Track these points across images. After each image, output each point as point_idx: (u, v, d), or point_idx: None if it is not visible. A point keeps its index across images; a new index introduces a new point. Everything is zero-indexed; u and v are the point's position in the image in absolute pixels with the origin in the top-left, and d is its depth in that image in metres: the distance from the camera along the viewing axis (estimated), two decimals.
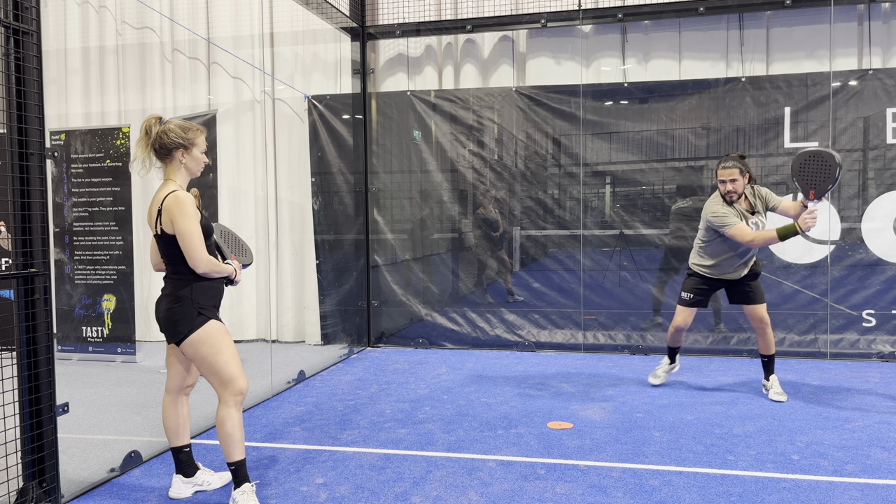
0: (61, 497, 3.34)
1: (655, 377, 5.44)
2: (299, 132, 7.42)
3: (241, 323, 7.52)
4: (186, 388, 3.47)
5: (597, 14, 6.76)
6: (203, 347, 3.14)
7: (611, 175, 6.81)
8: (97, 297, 6.51)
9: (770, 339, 5.00)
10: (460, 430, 4.41)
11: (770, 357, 5.06)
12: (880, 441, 4.09)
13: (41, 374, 3.20)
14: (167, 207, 3.09)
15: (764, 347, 5.04)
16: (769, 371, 5.10)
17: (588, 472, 3.68)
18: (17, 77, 3.08)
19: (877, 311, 6.29)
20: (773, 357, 5.07)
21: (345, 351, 6.96)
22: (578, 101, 6.77)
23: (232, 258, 3.45)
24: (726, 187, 4.71)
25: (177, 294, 3.16)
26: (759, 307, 4.93)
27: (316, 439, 4.29)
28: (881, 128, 6.24)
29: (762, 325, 4.95)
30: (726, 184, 4.71)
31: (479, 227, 7.16)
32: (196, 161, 3.24)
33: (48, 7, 7.58)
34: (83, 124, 7.62)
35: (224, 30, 7.44)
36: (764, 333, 4.98)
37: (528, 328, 7.01)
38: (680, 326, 5.14)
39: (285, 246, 7.53)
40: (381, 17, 7.29)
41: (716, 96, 6.54)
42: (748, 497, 3.32)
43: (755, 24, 6.69)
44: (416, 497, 3.38)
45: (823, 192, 4.37)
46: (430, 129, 7.17)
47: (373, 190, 7.30)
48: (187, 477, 3.47)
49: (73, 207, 6.53)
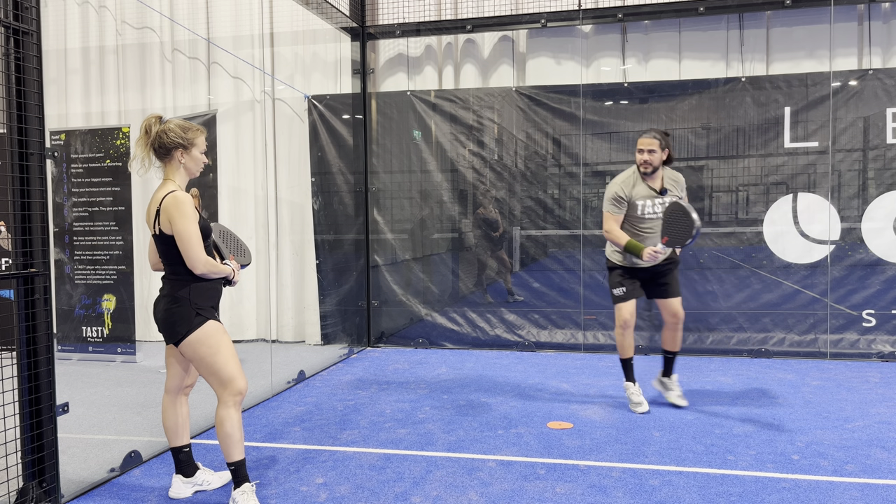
0: (61, 497, 3.34)
1: (638, 405, 4.78)
2: (299, 132, 7.42)
3: (241, 323, 7.52)
4: (186, 389, 3.47)
5: (597, 14, 6.76)
6: (201, 348, 3.14)
7: (611, 175, 6.81)
8: (97, 297, 6.51)
9: (680, 336, 4.78)
10: (460, 430, 4.41)
11: (675, 355, 4.84)
12: (880, 441, 4.09)
13: (41, 374, 3.20)
14: (165, 208, 3.08)
15: (672, 343, 4.80)
16: (670, 369, 4.87)
17: (588, 472, 3.68)
18: (17, 77, 3.08)
19: (877, 311, 6.29)
20: (676, 355, 4.85)
21: (345, 351, 6.96)
22: (578, 101, 6.77)
23: (230, 258, 3.44)
24: (643, 156, 4.51)
25: (175, 295, 3.16)
26: (674, 301, 4.70)
27: (316, 439, 4.29)
28: (881, 128, 6.24)
29: (675, 321, 4.72)
30: (644, 153, 4.50)
31: (479, 226, 7.16)
32: (195, 161, 3.24)
33: (48, 7, 7.58)
34: (83, 124, 7.62)
35: (224, 30, 7.44)
36: (675, 329, 4.74)
37: (528, 328, 7.01)
38: (627, 321, 4.69)
39: (285, 246, 7.53)
40: (381, 17, 7.29)
41: (716, 96, 6.54)
42: (748, 497, 3.32)
43: (755, 24, 6.69)
44: (416, 497, 3.38)
45: (674, 245, 4.32)
46: (430, 129, 7.17)
47: (373, 190, 7.30)
48: (187, 477, 3.47)
49: (73, 207, 6.53)
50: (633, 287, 4.70)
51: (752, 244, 6.55)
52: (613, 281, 4.75)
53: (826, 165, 6.33)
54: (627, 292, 4.69)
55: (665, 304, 4.74)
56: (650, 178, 4.61)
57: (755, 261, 6.55)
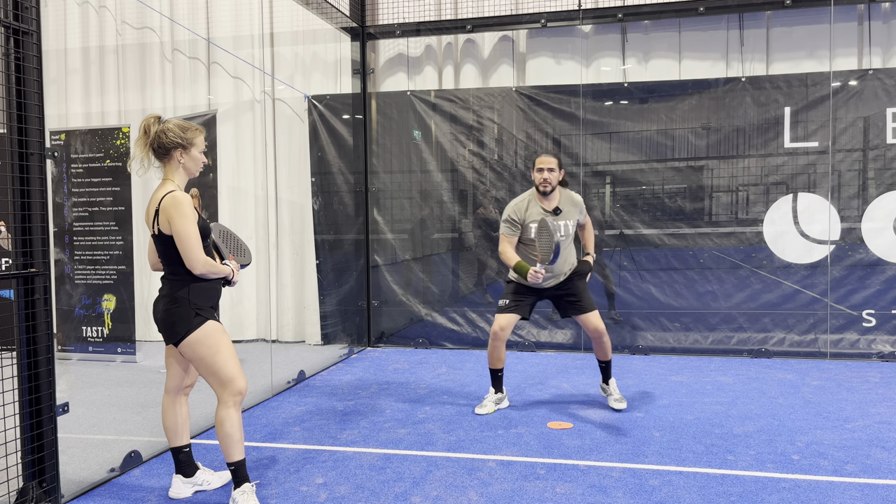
0: (61, 497, 3.34)
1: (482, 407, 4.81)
2: (299, 132, 7.42)
3: (241, 323, 7.52)
4: (186, 389, 3.47)
5: (597, 14, 6.76)
6: (201, 348, 3.14)
7: (611, 175, 6.82)
8: (97, 297, 6.51)
9: (608, 345, 4.76)
10: (460, 430, 4.41)
11: (608, 363, 4.86)
12: (880, 441, 4.09)
13: (41, 374, 3.20)
14: (164, 208, 3.08)
15: (602, 354, 4.81)
16: (608, 375, 4.90)
17: (588, 472, 3.68)
18: (17, 77, 3.08)
19: (877, 311, 6.29)
20: (610, 363, 4.87)
21: (345, 351, 6.96)
22: (578, 101, 6.77)
23: (230, 258, 3.44)
24: (543, 175, 4.57)
25: (174, 295, 3.16)
26: (591, 316, 4.66)
27: (316, 439, 4.29)
28: (881, 128, 6.25)
29: (598, 335, 4.70)
30: (543, 171, 4.57)
31: (479, 226, 7.16)
32: (194, 161, 3.23)
33: (48, 7, 7.58)
34: (83, 124, 7.62)
35: (224, 30, 7.44)
36: (601, 343, 4.73)
37: (528, 328, 7.00)
38: (497, 333, 4.68)
39: (285, 246, 7.53)
40: (381, 17, 7.29)
41: (716, 96, 6.54)
42: (748, 497, 3.32)
43: (755, 24, 6.69)
44: (416, 497, 3.38)
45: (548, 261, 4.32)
46: (430, 129, 7.17)
47: (373, 190, 7.30)
48: (187, 477, 3.47)
49: (73, 207, 6.53)
50: (519, 303, 4.71)
51: (752, 244, 6.55)
52: (504, 292, 4.78)
53: (826, 165, 6.33)
54: (509, 305, 4.70)
55: (582, 319, 4.71)
56: (545, 198, 4.66)
57: (755, 261, 6.55)
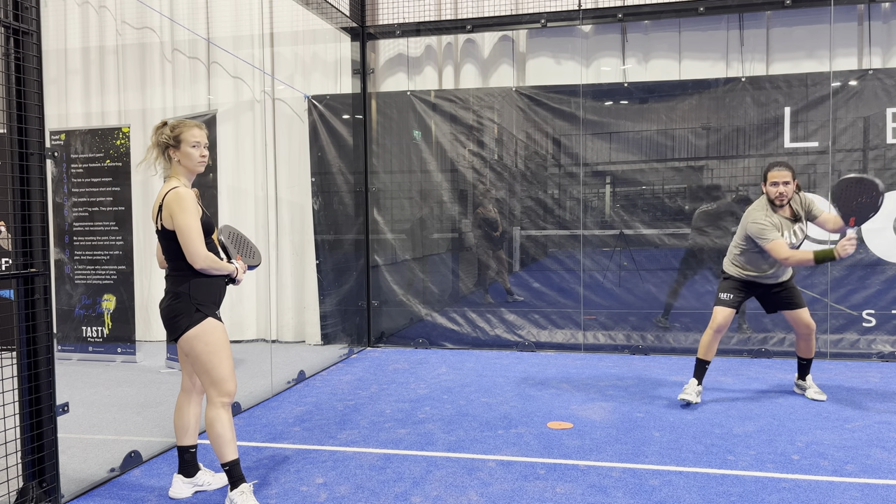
0: (61, 497, 3.34)
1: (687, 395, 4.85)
2: (299, 132, 7.42)
3: (241, 323, 7.52)
4: (201, 388, 3.47)
5: (597, 14, 6.76)
6: (199, 344, 3.14)
7: (611, 175, 6.81)
8: (97, 297, 6.51)
9: (813, 344, 4.94)
10: (460, 430, 4.40)
11: (810, 360, 5.04)
12: (880, 441, 4.09)
13: (41, 374, 3.20)
14: (167, 203, 3.12)
15: (805, 351, 4.99)
16: (806, 372, 5.07)
17: (588, 472, 3.68)
18: (17, 77, 3.08)
19: (877, 311, 6.29)
20: (811, 360, 5.04)
21: (345, 351, 6.96)
22: (578, 101, 6.77)
23: (237, 258, 3.46)
24: (779, 189, 4.56)
25: (176, 290, 3.17)
26: (802, 312, 4.81)
27: (316, 439, 4.29)
28: (881, 128, 6.24)
29: (807, 332, 4.85)
30: (779, 185, 4.56)
31: (479, 226, 7.16)
32: (187, 156, 3.22)
33: (48, 7, 7.58)
34: (83, 124, 7.62)
35: (224, 30, 7.44)
36: (808, 339, 4.90)
37: (528, 328, 7.01)
38: (721, 326, 4.78)
39: (285, 246, 7.53)
40: (381, 17, 7.29)
41: (716, 96, 6.54)
42: (748, 497, 3.32)
43: (755, 24, 6.69)
44: (416, 497, 3.38)
45: (864, 220, 4.31)
46: (430, 129, 7.17)
47: (373, 190, 7.30)
48: (188, 477, 3.47)
49: (73, 207, 6.53)
50: (740, 299, 4.82)
51: None
52: (725, 286, 4.86)
53: (826, 165, 6.33)
54: (733, 300, 4.81)
55: (792, 315, 4.85)
56: (781, 209, 4.67)
57: None
